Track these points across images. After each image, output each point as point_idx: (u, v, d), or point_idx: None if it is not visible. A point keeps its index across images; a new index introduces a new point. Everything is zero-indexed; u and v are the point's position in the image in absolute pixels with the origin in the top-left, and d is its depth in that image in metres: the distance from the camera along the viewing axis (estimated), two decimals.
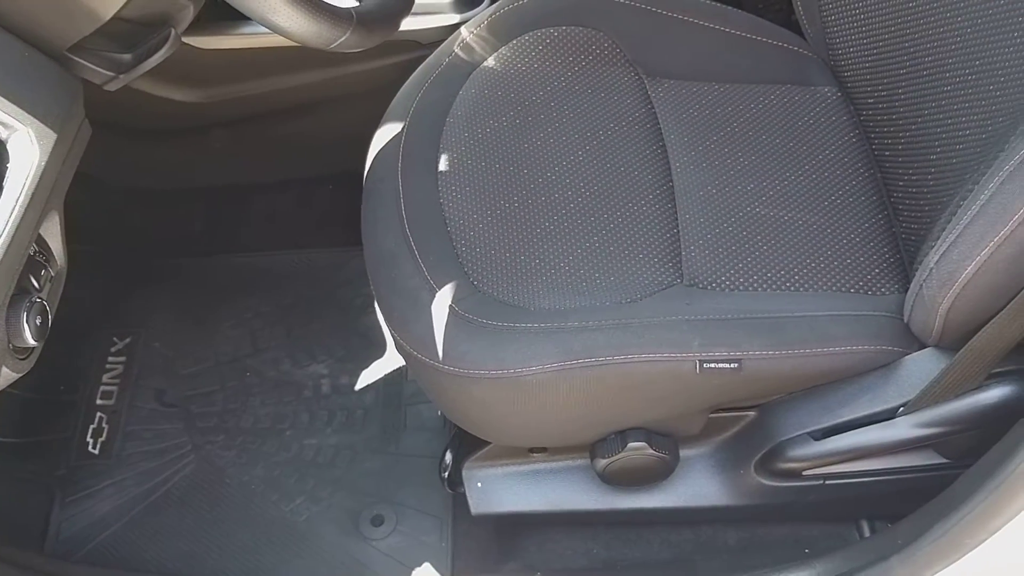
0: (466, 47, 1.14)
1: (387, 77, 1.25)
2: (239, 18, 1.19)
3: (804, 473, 0.98)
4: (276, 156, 1.47)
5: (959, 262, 0.75)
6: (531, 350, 0.87)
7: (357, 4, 0.82)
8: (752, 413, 1.00)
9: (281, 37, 0.79)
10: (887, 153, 1.04)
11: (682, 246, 0.96)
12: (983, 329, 0.79)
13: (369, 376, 1.37)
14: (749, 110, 1.10)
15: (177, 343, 1.44)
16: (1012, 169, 0.70)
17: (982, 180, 0.74)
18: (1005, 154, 0.72)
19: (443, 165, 1.03)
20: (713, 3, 1.17)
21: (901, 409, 0.89)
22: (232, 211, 1.56)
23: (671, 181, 1.02)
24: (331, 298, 1.46)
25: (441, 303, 0.92)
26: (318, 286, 1.47)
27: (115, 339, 1.45)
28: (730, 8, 1.18)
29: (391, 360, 1.37)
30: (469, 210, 0.99)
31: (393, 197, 1.01)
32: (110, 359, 1.42)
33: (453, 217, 0.99)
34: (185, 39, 1.22)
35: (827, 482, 0.98)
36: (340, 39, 0.77)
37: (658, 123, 1.07)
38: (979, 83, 0.86)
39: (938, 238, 0.80)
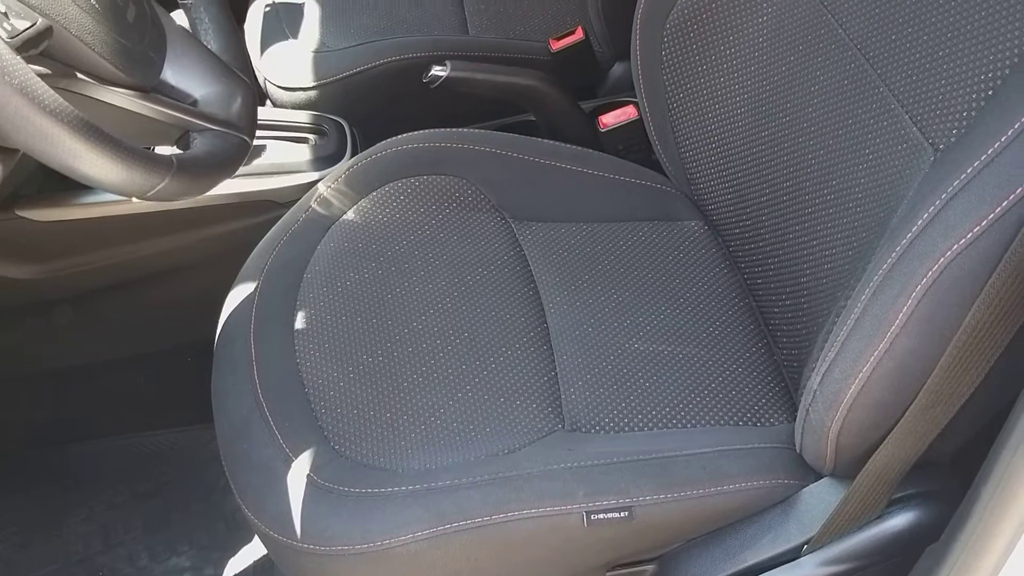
0: (323, 201, 1.09)
1: (243, 239, 1.18)
2: (76, 187, 1.12)
3: None
4: (128, 330, 1.37)
5: (842, 381, 0.71)
6: (400, 517, 0.78)
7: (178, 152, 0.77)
8: (651, 567, 0.92)
9: (126, 204, 0.73)
10: (759, 281, 1.02)
11: (561, 389, 0.91)
12: (877, 451, 0.74)
13: (237, 565, 1.24)
14: (619, 248, 1.08)
15: (21, 545, 1.29)
16: (880, 279, 0.67)
17: (853, 295, 0.72)
18: (872, 265, 0.69)
19: (300, 324, 0.96)
20: (573, 147, 1.17)
21: (805, 547, 0.83)
22: (82, 394, 1.43)
23: (545, 323, 0.97)
24: (192, 482, 1.33)
25: (298, 473, 0.83)
26: (177, 469, 1.35)
27: None
28: (590, 151, 1.18)
29: (261, 545, 1.24)
30: (329, 369, 0.92)
31: (245, 362, 0.93)
32: None
33: (311, 378, 0.91)
34: (19, 212, 1.15)
35: None
36: (157, 187, 0.71)
37: (528, 266, 1.04)
38: (839, 201, 0.85)
39: (819, 359, 0.76)
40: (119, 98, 0.76)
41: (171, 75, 0.80)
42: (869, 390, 0.69)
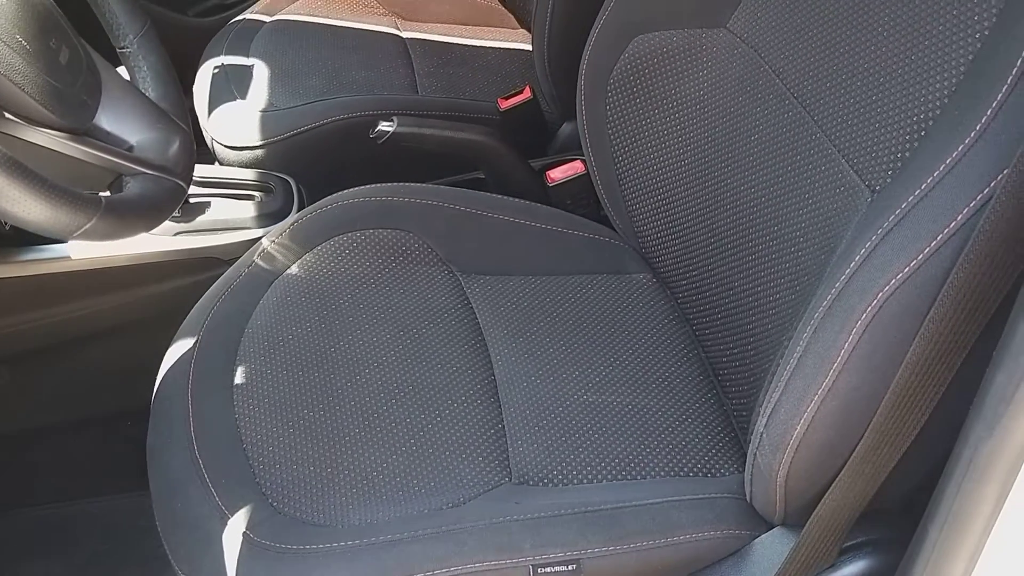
0: (267, 256, 1.07)
1: (186, 297, 1.16)
2: (10, 243, 1.10)
3: None
4: (65, 393, 1.33)
5: (787, 422, 0.70)
6: (339, 574, 0.75)
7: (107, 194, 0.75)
8: None
9: (64, 262, 0.70)
10: (707, 331, 1.02)
11: (508, 442, 0.89)
12: (825, 497, 0.73)
13: None
14: (567, 300, 1.07)
15: None
16: (821, 317, 0.67)
17: (795, 335, 0.71)
18: (813, 304, 0.69)
19: (239, 379, 0.94)
20: (521, 201, 1.17)
21: None
22: (16, 461, 1.38)
23: (492, 376, 0.96)
24: (132, 551, 1.28)
25: (234, 531, 0.79)
26: (117, 538, 1.29)
27: None
28: (538, 205, 1.18)
29: None
30: (268, 424, 0.89)
31: (181, 418, 0.90)
32: None
33: (249, 434, 0.88)
34: None
35: None
36: (84, 226, 0.69)
37: (476, 318, 1.03)
38: (781, 246, 0.85)
39: (764, 402, 0.76)
40: (49, 140, 0.74)
41: (106, 120, 0.79)
42: (815, 430, 0.68)
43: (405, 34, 1.61)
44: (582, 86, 1.10)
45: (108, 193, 0.75)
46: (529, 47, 1.58)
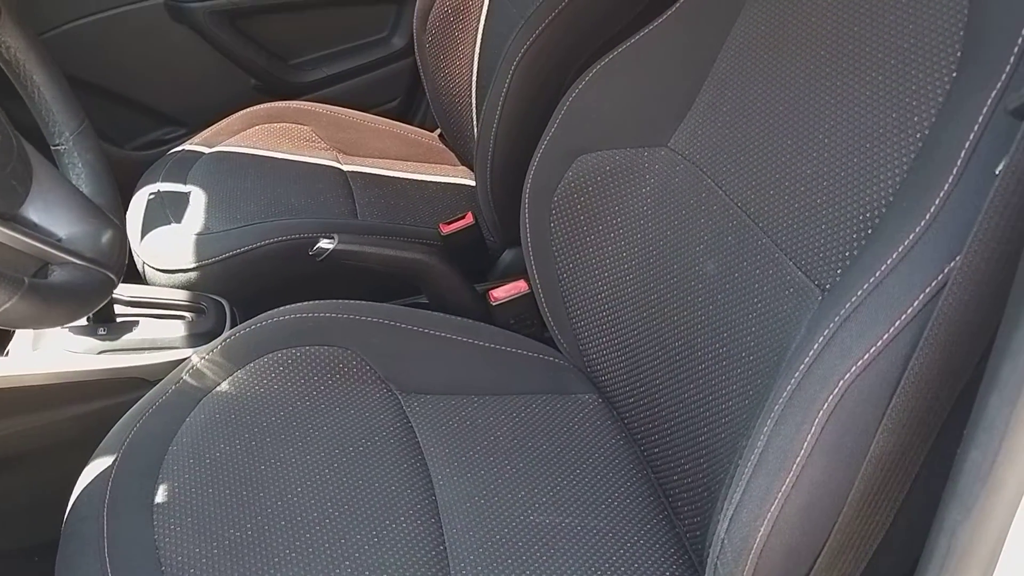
0: (196, 373, 1.02)
1: (108, 420, 1.09)
2: None
3: None
4: None
5: (750, 524, 0.66)
6: None
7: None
8: None
9: None
10: (656, 450, 0.98)
11: (451, 565, 0.84)
12: None
13: None
14: (511, 420, 1.03)
15: None
16: (782, 408, 0.65)
17: (754, 432, 0.69)
18: (772, 396, 0.67)
19: (160, 497, 0.87)
20: (463, 320, 1.15)
21: None
22: None
23: (434, 496, 0.91)
24: None
25: None
26: None
27: None
28: (481, 324, 1.15)
29: None
30: (190, 545, 0.82)
31: (95, 539, 0.83)
32: None
33: (169, 555, 0.81)
34: None
35: None
36: (3, 305, 0.64)
37: (416, 438, 0.98)
38: (731, 353, 0.84)
39: (722, 509, 0.72)
40: None
41: (34, 211, 0.75)
42: (779, 532, 0.65)
43: (346, 167, 1.62)
44: (526, 205, 1.11)
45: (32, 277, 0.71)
46: (471, 183, 1.61)
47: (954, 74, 0.68)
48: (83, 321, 1.14)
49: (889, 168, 0.71)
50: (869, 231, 0.71)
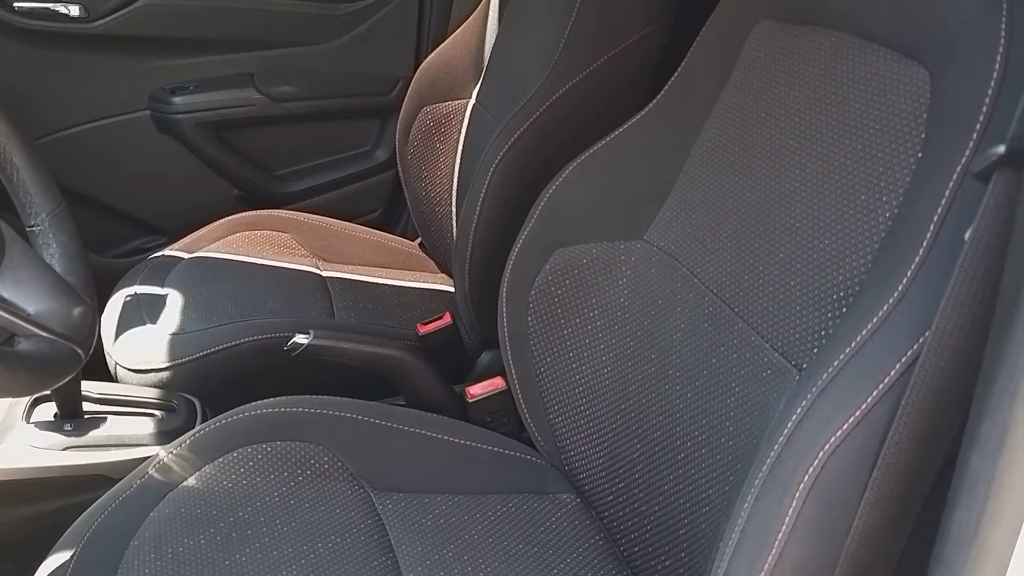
0: (163, 468, 0.99)
1: (70, 518, 1.05)
2: None
3: None
4: None
5: None
6: None
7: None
8: None
9: None
10: (636, 549, 0.95)
11: None
12: None
13: None
14: (486, 519, 1.00)
15: None
16: (762, 482, 0.63)
17: (735, 510, 0.67)
18: (752, 471, 0.65)
19: None
20: (439, 416, 1.13)
21: None
22: None
23: None
24: None
25: None
26: None
27: None
28: (457, 421, 1.13)
29: None
30: None
31: None
32: None
33: None
34: None
35: None
36: None
37: (387, 536, 0.95)
38: (710, 440, 0.83)
39: None
40: None
41: (3, 287, 0.74)
42: None
43: (325, 273, 1.62)
44: (504, 299, 1.11)
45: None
46: (450, 288, 1.61)
47: (919, 155, 0.69)
48: (50, 416, 1.11)
49: (861, 248, 0.72)
50: (843, 309, 0.72)
